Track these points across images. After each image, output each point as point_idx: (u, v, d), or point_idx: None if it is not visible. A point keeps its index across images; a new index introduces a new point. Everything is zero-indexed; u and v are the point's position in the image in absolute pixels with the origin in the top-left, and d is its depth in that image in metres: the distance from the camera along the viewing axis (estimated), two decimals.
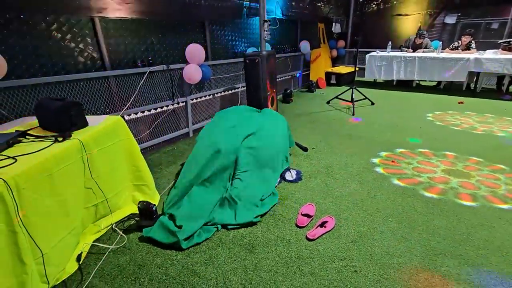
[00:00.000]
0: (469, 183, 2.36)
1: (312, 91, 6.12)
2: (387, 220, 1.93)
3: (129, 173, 2.08)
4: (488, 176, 2.47)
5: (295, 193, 2.27)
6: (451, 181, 2.40)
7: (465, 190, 2.26)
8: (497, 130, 3.59)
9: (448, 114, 4.33)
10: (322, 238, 1.78)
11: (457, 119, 4.09)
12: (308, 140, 3.40)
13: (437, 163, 2.73)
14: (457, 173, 2.51)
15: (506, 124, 3.78)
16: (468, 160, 2.77)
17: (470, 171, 2.56)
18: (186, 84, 3.44)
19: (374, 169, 2.64)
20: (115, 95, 2.82)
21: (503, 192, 2.22)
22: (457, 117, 4.18)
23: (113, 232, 1.88)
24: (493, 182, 2.37)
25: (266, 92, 3.63)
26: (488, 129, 3.63)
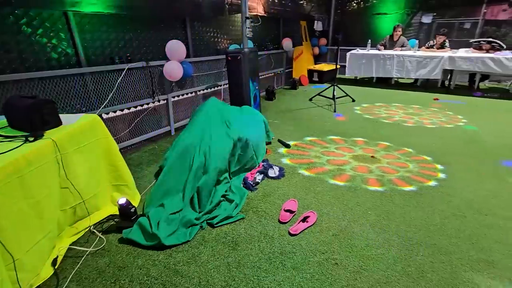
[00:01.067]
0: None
1: (295, 88, 6.17)
2: (366, 213, 1.99)
3: (108, 173, 2.02)
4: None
5: (278, 190, 2.30)
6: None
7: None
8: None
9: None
10: (304, 233, 1.81)
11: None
12: (291, 137, 3.43)
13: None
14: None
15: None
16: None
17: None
18: (167, 81, 3.38)
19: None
20: (92, 93, 2.73)
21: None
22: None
23: (92, 234, 1.82)
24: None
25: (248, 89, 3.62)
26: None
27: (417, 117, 4.14)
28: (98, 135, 1.92)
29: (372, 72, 6.08)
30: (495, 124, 3.76)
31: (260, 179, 2.43)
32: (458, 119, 4.01)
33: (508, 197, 2.16)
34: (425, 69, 5.58)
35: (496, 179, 2.41)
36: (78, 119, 1.84)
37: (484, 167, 2.63)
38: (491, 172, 2.53)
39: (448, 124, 3.82)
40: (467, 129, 3.62)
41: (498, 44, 5.33)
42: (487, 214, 1.97)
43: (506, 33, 6.24)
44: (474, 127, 3.65)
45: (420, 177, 2.47)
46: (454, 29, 6.74)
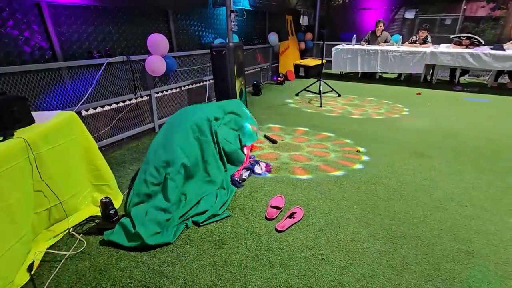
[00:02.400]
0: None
1: (282, 84, 6.16)
2: (352, 208, 2.01)
3: (87, 173, 1.94)
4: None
5: (265, 186, 2.28)
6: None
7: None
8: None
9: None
10: (291, 229, 1.80)
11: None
12: (277, 132, 3.41)
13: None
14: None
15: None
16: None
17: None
18: (149, 76, 3.28)
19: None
20: (69, 89, 2.60)
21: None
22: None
23: (71, 237, 1.75)
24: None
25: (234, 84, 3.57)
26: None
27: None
28: (75, 133, 1.84)
29: (357, 67, 6.14)
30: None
31: (247, 175, 2.40)
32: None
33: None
34: (409, 64, 5.68)
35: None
36: (53, 117, 1.75)
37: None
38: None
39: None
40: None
41: (477, 39, 5.50)
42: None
43: (484, 29, 6.44)
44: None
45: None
46: (436, 25, 6.90)
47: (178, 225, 1.80)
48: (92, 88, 2.74)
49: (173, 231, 1.74)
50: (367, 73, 6.66)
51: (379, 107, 4.48)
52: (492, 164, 2.62)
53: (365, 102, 4.76)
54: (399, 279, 1.46)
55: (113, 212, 1.76)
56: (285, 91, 5.53)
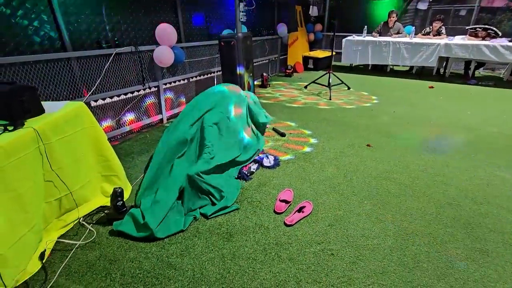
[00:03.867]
0: None
1: (290, 76, 6.07)
2: (362, 203, 1.97)
3: (96, 163, 1.94)
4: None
5: (273, 179, 2.26)
6: None
7: None
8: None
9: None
10: (300, 223, 1.78)
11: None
12: (285, 125, 3.38)
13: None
14: None
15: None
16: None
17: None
18: (158, 67, 3.25)
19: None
20: (79, 79, 2.60)
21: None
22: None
23: (81, 227, 1.76)
24: None
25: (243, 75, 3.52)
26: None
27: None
28: (85, 123, 1.83)
29: (368, 59, 5.99)
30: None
31: (255, 168, 2.38)
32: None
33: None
34: (421, 57, 5.52)
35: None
36: (62, 107, 1.74)
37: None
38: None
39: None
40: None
41: (494, 31, 5.28)
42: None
43: (501, 20, 6.18)
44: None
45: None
46: (450, 16, 6.65)
47: (186, 216, 1.79)
48: (101, 79, 2.72)
49: (182, 220, 1.73)
50: (378, 66, 6.50)
51: (390, 100, 4.37)
52: (508, 160, 2.53)
53: (374, 94, 4.65)
54: (410, 277, 1.43)
55: (120, 204, 1.76)
56: (293, 84, 5.44)
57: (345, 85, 5.05)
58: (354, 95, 4.68)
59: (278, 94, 4.73)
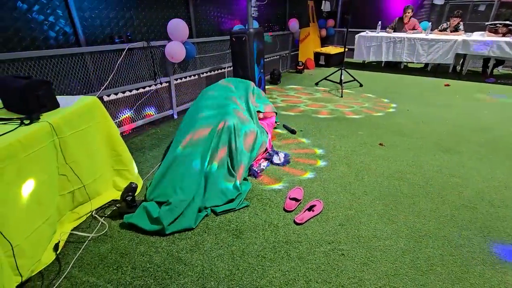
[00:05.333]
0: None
1: (301, 72, 6.01)
2: (374, 203, 1.94)
3: (109, 158, 1.97)
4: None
5: (283, 177, 2.24)
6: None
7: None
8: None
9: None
10: (310, 222, 1.77)
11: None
12: (296, 122, 3.35)
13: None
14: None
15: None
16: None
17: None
18: (169, 63, 3.26)
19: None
20: (92, 74, 2.63)
21: None
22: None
23: (93, 220, 1.79)
24: None
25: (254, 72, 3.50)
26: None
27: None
28: (98, 118, 1.85)
29: (381, 55, 5.85)
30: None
31: (265, 165, 2.37)
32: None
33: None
34: (437, 53, 5.35)
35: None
36: (76, 101, 1.76)
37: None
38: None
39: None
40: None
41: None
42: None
43: None
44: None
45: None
46: (468, 11, 6.41)
47: (199, 214, 1.80)
48: (114, 74, 2.75)
49: (194, 217, 1.74)
50: (391, 63, 6.35)
51: (404, 98, 4.27)
52: None
53: (387, 92, 4.56)
54: (423, 280, 1.40)
55: (130, 199, 1.77)
56: (304, 80, 5.39)
57: (357, 82, 4.96)
58: (365, 92, 4.59)
59: (290, 92, 4.69)
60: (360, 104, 4.05)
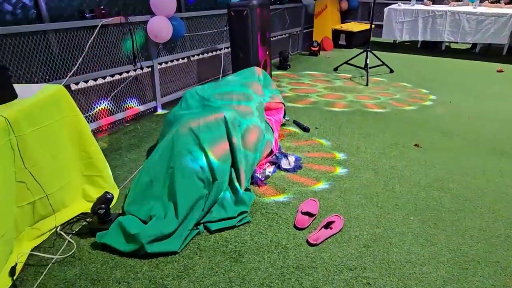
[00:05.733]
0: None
1: (316, 55, 6.02)
2: (407, 219, 1.94)
3: (78, 161, 1.98)
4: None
5: (294, 186, 2.24)
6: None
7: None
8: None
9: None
10: (327, 243, 1.77)
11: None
12: (310, 117, 3.35)
13: None
14: None
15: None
16: None
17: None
18: (152, 43, 3.27)
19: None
20: (57, 57, 2.65)
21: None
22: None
23: (58, 238, 1.81)
24: None
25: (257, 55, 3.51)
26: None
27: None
28: (64, 111, 1.86)
29: (417, 34, 5.85)
30: None
31: (271, 171, 2.37)
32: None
33: None
34: (488, 31, 5.32)
35: None
36: (37, 91, 1.78)
37: None
38: None
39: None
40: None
41: None
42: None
43: None
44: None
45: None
46: None
47: (191, 231, 1.81)
48: (84, 56, 2.77)
49: (181, 238, 1.74)
50: (430, 43, 6.33)
51: (446, 87, 4.26)
52: None
53: (424, 80, 4.54)
54: None
55: (102, 213, 1.78)
56: (320, 64, 5.40)
57: (386, 67, 4.97)
58: (397, 80, 4.58)
59: (304, 80, 4.69)
60: (390, 95, 4.05)
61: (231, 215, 1.92)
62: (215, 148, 2.05)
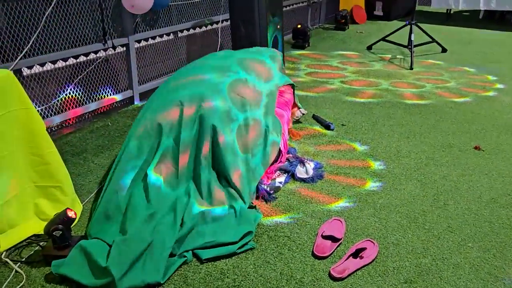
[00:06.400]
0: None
1: (343, 29, 6.04)
2: (464, 246, 1.93)
3: (29, 167, 2.00)
4: None
5: (312, 201, 2.26)
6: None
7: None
8: None
9: None
10: (356, 277, 1.76)
11: None
12: (334, 112, 3.36)
13: None
14: None
15: None
16: None
17: None
18: (128, 15, 3.31)
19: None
20: (5, 34, 2.69)
21: None
22: None
23: (3, 266, 1.82)
24: None
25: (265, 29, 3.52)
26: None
27: None
28: (12, 104, 1.88)
29: (479, 1, 5.82)
30: None
31: (282, 182, 2.38)
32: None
33: None
34: None
35: None
36: None
37: None
38: None
39: None
40: None
41: None
42: None
43: None
44: None
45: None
46: None
47: (176, 258, 1.82)
48: (39, 33, 2.81)
49: (162, 265, 1.75)
50: (495, 13, 6.30)
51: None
52: None
53: (489, 62, 4.51)
54: None
55: (58, 235, 1.78)
56: (348, 42, 5.41)
57: (437, 45, 4.98)
58: (451, 62, 4.56)
59: (330, 62, 4.70)
60: (441, 82, 4.04)
61: (231, 239, 1.92)
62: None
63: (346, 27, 6.07)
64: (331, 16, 6.33)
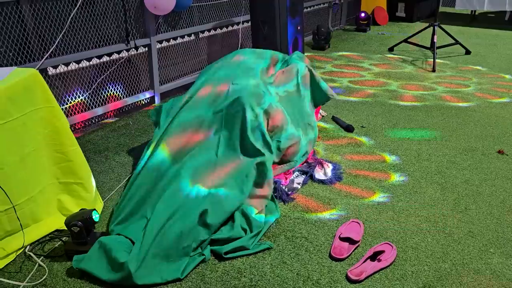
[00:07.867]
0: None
1: (365, 30, 6.00)
2: (486, 252, 1.90)
3: (53, 165, 2.04)
4: None
5: (331, 201, 2.26)
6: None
7: None
8: None
9: None
10: (374, 279, 1.75)
11: None
12: (355, 114, 3.35)
13: None
14: None
15: None
16: None
17: None
18: (150, 16, 3.35)
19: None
20: (31, 34, 2.76)
21: None
22: None
23: (27, 260, 1.87)
24: None
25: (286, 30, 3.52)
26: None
27: None
28: (38, 102, 1.92)
29: (505, 2, 5.70)
30: None
31: (301, 183, 2.38)
32: None
33: None
34: None
35: None
36: (5, 76, 1.85)
37: None
38: None
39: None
40: None
41: None
42: None
43: None
44: None
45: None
46: None
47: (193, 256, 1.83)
48: (64, 33, 2.86)
49: (182, 264, 1.77)
50: None
51: None
52: None
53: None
54: None
55: (77, 231, 1.82)
56: (370, 43, 5.37)
57: (461, 47, 4.91)
58: (474, 64, 4.47)
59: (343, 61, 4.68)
60: (463, 86, 3.96)
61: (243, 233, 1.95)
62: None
63: (368, 29, 6.02)
64: (352, 18, 6.28)
